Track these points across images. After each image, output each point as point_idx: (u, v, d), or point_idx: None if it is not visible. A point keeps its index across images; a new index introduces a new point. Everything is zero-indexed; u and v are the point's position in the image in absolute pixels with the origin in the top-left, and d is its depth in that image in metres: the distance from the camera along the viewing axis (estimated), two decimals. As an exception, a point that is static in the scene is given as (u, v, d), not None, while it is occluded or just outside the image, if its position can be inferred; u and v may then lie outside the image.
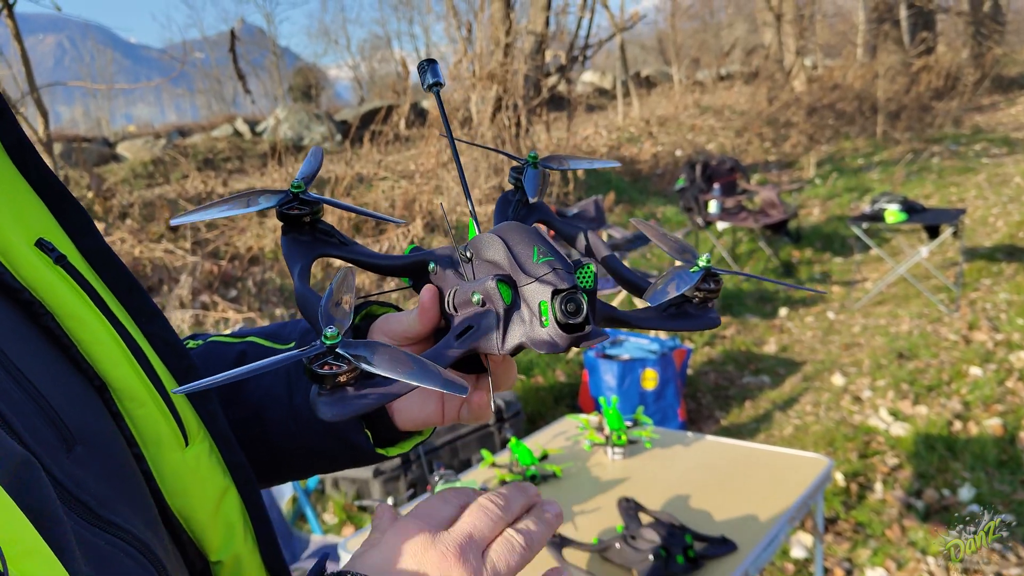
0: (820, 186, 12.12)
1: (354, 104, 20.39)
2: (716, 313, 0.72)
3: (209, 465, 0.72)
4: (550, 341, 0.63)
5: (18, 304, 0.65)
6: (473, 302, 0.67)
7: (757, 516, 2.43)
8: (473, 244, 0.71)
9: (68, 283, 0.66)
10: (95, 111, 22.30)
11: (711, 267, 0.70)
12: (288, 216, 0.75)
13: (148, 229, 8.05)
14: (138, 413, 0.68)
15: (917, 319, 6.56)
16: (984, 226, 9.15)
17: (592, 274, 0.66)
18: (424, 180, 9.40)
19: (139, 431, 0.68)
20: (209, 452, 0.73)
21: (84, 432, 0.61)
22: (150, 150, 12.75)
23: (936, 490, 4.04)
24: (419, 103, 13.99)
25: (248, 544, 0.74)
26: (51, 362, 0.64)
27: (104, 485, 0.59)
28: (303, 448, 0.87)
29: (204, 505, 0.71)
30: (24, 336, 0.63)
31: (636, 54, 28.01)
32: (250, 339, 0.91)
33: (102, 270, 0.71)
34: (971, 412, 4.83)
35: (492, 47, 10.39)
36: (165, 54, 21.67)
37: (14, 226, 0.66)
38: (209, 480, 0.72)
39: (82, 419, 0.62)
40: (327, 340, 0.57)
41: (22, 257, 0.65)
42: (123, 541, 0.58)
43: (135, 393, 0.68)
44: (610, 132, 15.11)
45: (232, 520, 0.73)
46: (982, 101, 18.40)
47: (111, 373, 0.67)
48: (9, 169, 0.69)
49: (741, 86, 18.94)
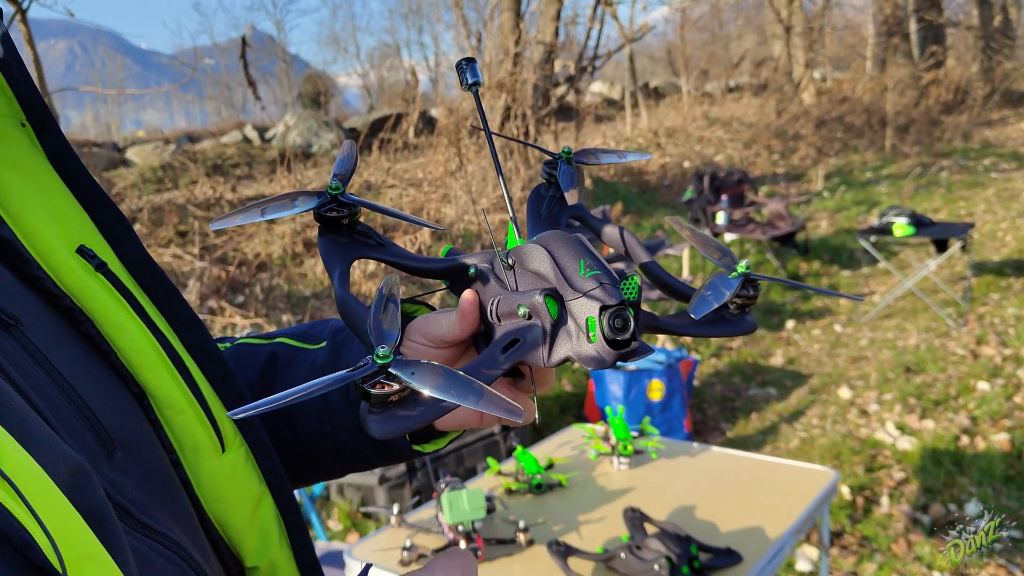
0: (828, 199, 12.11)
1: (363, 112, 20.45)
2: (753, 317, 0.73)
3: (245, 471, 0.73)
4: (597, 357, 0.63)
5: (60, 310, 0.66)
6: (519, 315, 0.67)
7: (763, 528, 2.42)
8: (516, 253, 0.70)
9: (108, 290, 0.68)
10: (105, 116, 22.40)
11: (750, 273, 0.70)
12: (326, 218, 0.74)
13: (157, 234, 8.07)
14: (176, 420, 0.69)
15: (925, 333, 6.54)
16: (993, 240, 9.13)
17: (637, 286, 0.66)
18: (432, 188, 9.41)
19: (177, 438, 0.69)
20: (245, 458, 0.74)
21: (124, 438, 0.62)
22: (159, 155, 12.79)
23: (943, 505, 4.02)
24: (427, 111, 14.02)
25: (283, 551, 0.75)
26: (92, 368, 0.65)
27: (143, 491, 0.60)
28: (336, 447, 0.87)
29: (240, 511, 0.72)
30: (66, 342, 0.64)
31: (645, 65, 28.05)
32: (279, 340, 0.91)
33: (141, 277, 0.72)
34: (978, 427, 4.81)
35: (501, 56, 10.43)
36: (175, 60, 21.76)
37: (56, 233, 0.67)
38: (245, 486, 0.73)
39: (122, 425, 0.63)
40: (379, 359, 0.57)
41: (64, 264, 0.66)
42: (163, 546, 0.59)
43: (174, 400, 0.69)
44: (618, 143, 15.11)
45: (267, 526, 0.74)
46: (991, 115, 18.37)
47: (150, 381, 0.68)
48: (52, 177, 0.70)
49: (750, 98, 18.94)
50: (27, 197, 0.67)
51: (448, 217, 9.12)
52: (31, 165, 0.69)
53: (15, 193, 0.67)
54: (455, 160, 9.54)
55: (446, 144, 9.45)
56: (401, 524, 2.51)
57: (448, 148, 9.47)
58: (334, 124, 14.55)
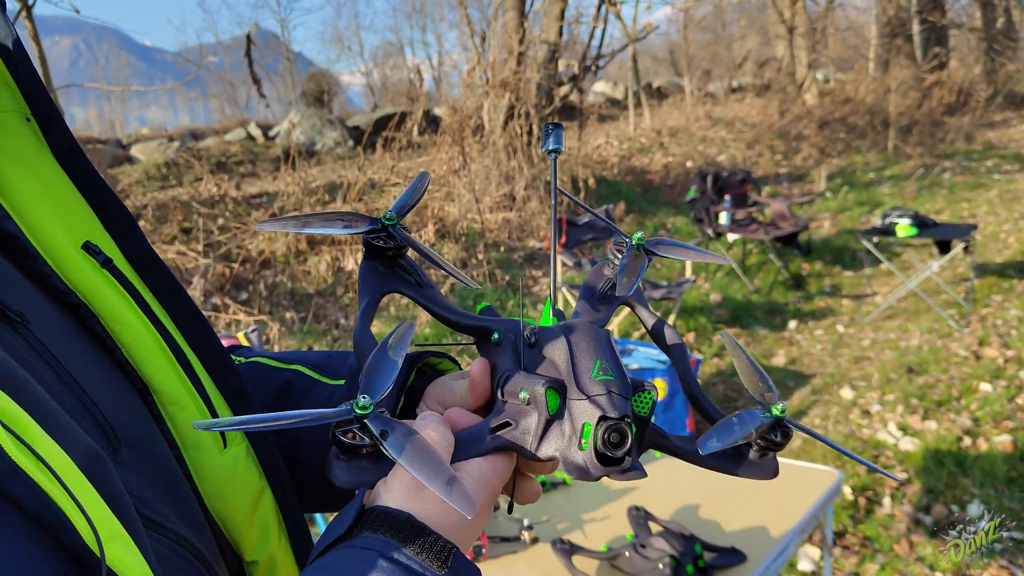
0: (831, 199, 12.11)
1: (365, 110, 20.46)
2: (776, 464, 0.68)
3: (246, 467, 0.73)
4: (583, 467, 0.61)
5: (65, 307, 0.67)
6: (520, 398, 0.65)
7: (767, 527, 2.43)
8: (542, 332, 0.68)
9: (114, 287, 0.68)
10: (109, 113, 22.42)
11: (785, 418, 0.66)
12: (372, 246, 0.74)
13: (161, 231, 8.08)
14: (180, 416, 0.70)
15: (927, 334, 6.55)
16: (995, 242, 9.13)
17: (651, 402, 0.64)
18: (436, 187, 9.42)
19: (180, 433, 0.70)
20: (246, 454, 0.74)
21: (128, 435, 0.62)
22: (163, 152, 12.81)
23: (945, 506, 4.03)
24: (431, 110, 14.03)
25: (282, 545, 0.75)
26: (97, 365, 0.65)
27: (148, 488, 0.60)
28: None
29: (241, 506, 0.72)
30: (72, 338, 0.65)
31: (648, 65, 28.05)
32: (297, 367, 0.89)
33: (145, 273, 0.72)
34: (981, 428, 4.81)
35: (505, 55, 10.44)
36: (180, 57, 21.79)
37: (62, 229, 0.67)
38: (246, 481, 0.73)
39: (127, 422, 0.63)
40: (358, 409, 0.57)
41: (69, 260, 0.67)
42: (173, 542, 0.59)
43: (177, 396, 0.69)
44: (621, 142, 15.12)
45: (267, 521, 0.74)
46: (994, 117, 18.35)
47: (154, 377, 0.69)
48: (57, 173, 0.70)
49: (753, 98, 18.94)
50: (33, 193, 0.67)
51: (451, 215, 9.13)
52: (36, 161, 0.69)
53: (21, 189, 0.67)
54: (459, 159, 9.54)
55: (450, 143, 9.46)
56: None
57: (452, 147, 9.48)
58: (338, 122, 14.57)
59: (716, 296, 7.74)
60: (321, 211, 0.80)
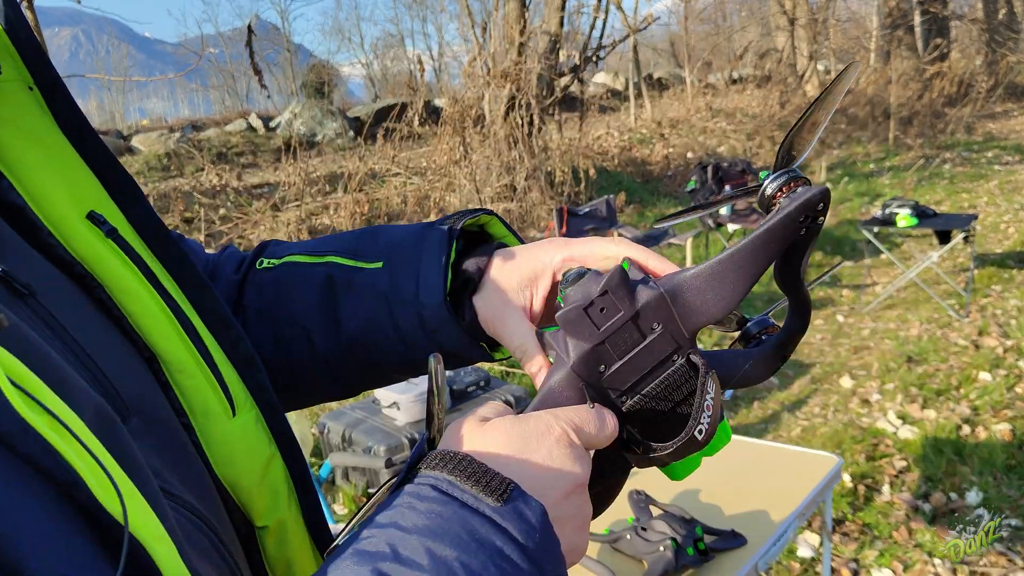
0: (831, 190, 12.09)
1: (366, 101, 20.43)
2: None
3: (256, 434, 0.73)
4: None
5: (72, 277, 0.67)
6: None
7: (767, 512, 2.45)
8: None
9: (119, 256, 0.68)
10: (109, 105, 22.35)
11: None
12: None
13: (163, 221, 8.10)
14: (187, 384, 0.70)
15: (927, 324, 6.56)
16: (995, 232, 9.14)
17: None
18: (436, 177, 9.43)
19: (188, 401, 0.70)
20: (256, 421, 0.74)
21: (138, 404, 0.62)
22: (164, 143, 12.81)
23: (944, 494, 4.05)
24: (431, 101, 14.03)
25: (292, 510, 0.75)
26: (105, 334, 0.66)
27: (157, 457, 0.60)
28: (410, 364, 0.88)
29: (250, 473, 0.72)
30: (79, 308, 0.65)
31: (649, 56, 27.98)
32: (330, 259, 0.89)
33: (152, 242, 0.72)
34: (980, 417, 4.83)
35: (506, 46, 10.42)
36: (180, 49, 21.75)
37: (67, 199, 0.67)
38: (256, 448, 0.73)
39: (136, 391, 0.63)
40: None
41: (74, 231, 0.67)
42: (185, 510, 0.59)
43: (184, 364, 0.70)
44: (622, 133, 15.11)
45: (277, 487, 0.74)
46: (995, 108, 18.34)
47: (160, 344, 0.69)
48: (61, 141, 0.69)
49: (753, 90, 18.90)
50: (37, 163, 0.67)
51: (452, 205, 9.14)
52: (40, 129, 0.68)
53: (24, 159, 0.66)
54: (459, 149, 9.55)
55: (450, 133, 9.46)
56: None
57: (452, 137, 9.48)
58: (338, 113, 14.56)
59: (716, 286, 7.74)
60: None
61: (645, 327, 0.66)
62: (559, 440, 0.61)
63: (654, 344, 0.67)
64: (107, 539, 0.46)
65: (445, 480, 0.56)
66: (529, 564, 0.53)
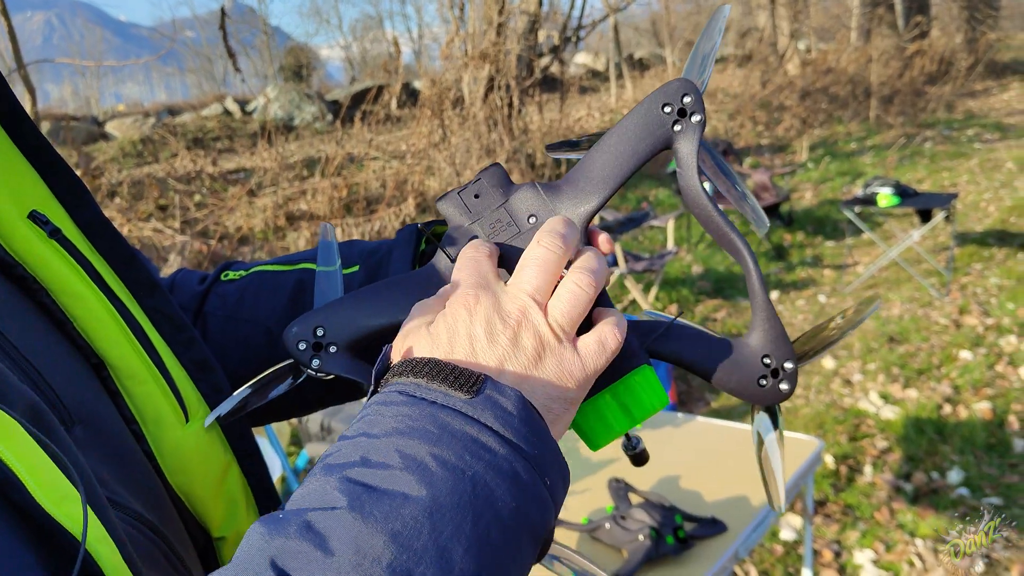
0: (813, 170, 12.11)
1: (345, 84, 20.30)
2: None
3: (210, 441, 0.71)
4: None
5: (12, 279, 0.63)
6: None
7: (747, 497, 2.42)
8: None
9: (63, 257, 0.65)
10: (84, 90, 22.16)
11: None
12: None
13: (137, 208, 8.00)
14: (137, 391, 0.67)
15: (908, 303, 6.56)
16: (976, 211, 9.16)
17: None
18: (415, 160, 9.36)
19: (138, 409, 0.67)
20: (211, 427, 0.71)
21: (82, 412, 0.60)
22: (139, 129, 12.68)
23: (925, 473, 4.04)
24: (410, 83, 13.93)
25: (251, 519, 0.73)
26: (48, 339, 0.63)
27: (103, 466, 0.58)
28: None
29: (205, 481, 0.69)
30: (20, 313, 0.62)
31: (629, 36, 27.92)
32: (304, 266, 0.86)
33: (98, 242, 0.69)
34: (961, 396, 4.83)
35: (485, 27, 10.33)
36: (155, 32, 21.56)
37: (7, 199, 0.64)
38: (210, 456, 0.70)
39: (80, 398, 0.60)
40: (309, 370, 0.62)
41: (15, 231, 0.63)
42: (133, 519, 0.57)
43: (134, 371, 0.67)
44: (603, 114, 15.06)
45: (235, 496, 0.72)
46: (975, 86, 18.41)
47: (109, 351, 0.66)
48: (2, 139, 0.66)
49: (734, 69, 18.89)
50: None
51: (432, 189, 9.08)
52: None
53: None
54: (438, 132, 9.48)
55: (429, 116, 9.39)
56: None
57: (431, 120, 9.41)
58: (316, 97, 14.44)
59: (698, 268, 7.74)
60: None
61: (520, 217, 0.67)
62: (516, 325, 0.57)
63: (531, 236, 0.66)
64: (44, 540, 0.44)
65: (412, 384, 0.52)
66: (508, 449, 0.49)
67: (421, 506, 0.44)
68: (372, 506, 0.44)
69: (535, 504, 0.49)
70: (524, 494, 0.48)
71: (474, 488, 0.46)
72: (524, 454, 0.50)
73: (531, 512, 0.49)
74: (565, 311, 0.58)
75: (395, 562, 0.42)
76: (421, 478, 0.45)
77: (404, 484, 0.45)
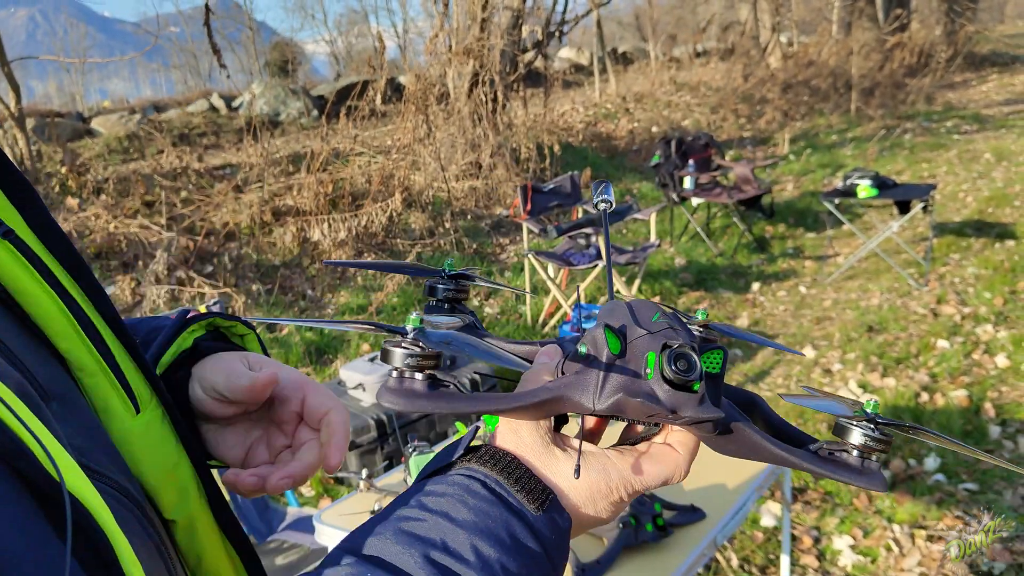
0: (794, 162, 12.20)
1: (331, 79, 20.25)
2: (882, 476, 0.63)
3: (161, 433, 0.73)
4: (650, 393, 0.58)
5: None
6: (580, 353, 0.62)
7: (726, 485, 2.49)
8: (600, 315, 0.66)
9: (15, 257, 0.65)
10: (69, 86, 22.00)
11: (878, 416, 0.62)
12: (433, 289, 0.81)
13: (123, 204, 8.00)
14: (88, 382, 0.69)
15: (887, 293, 6.65)
16: (954, 201, 9.26)
17: (720, 359, 0.63)
18: (401, 155, 9.38)
19: (90, 398, 0.69)
20: (161, 420, 0.73)
21: (55, 389, 0.62)
22: (125, 125, 12.64)
23: (903, 460, 4.12)
24: (395, 78, 13.93)
25: (202, 507, 0.75)
26: (14, 329, 0.65)
27: (82, 437, 0.60)
28: None
29: (154, 471, 0.71)
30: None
31: (613, 30, 27.94)
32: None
33: (48, 243, 0.70)
34: (938, 384, 4.92)
35: (469, 22, 10.36)
36: (139, 28, 21.38)
37: None
38: (161, 446, 0.72)
39: (52, 378, 0.63)
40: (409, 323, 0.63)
41: None
42: (114, 489, 0.60)
43: (84, 363, 0.69)
44: (587, 108, 15.10)
45: (186, 484, 0.74)
46: (954, 78, 18.52)
47: (61, 344, 0.68)
48: None
49: (717, 63, 18.95)
50: None
51: (417, 184, 9.11)
52: None
53: None
54: (423, 127, 9.50)
55: (414, 111, 9.41)
56: (370, 488, 2.55)
57: (416, 115, 9.43)
58: (302, 92, 14.42)
59: (681, 260, 7.80)
60: (391, 262, 0.85)
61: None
62: (613, 503, 0.66)
63: None
64: (55, 511, 0.46)
65: (494, 479, 0.61)
66: (547, 559, 0.61)
67: None
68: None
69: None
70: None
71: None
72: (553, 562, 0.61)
73: None
74: (649, 486, 0.68)
75: None
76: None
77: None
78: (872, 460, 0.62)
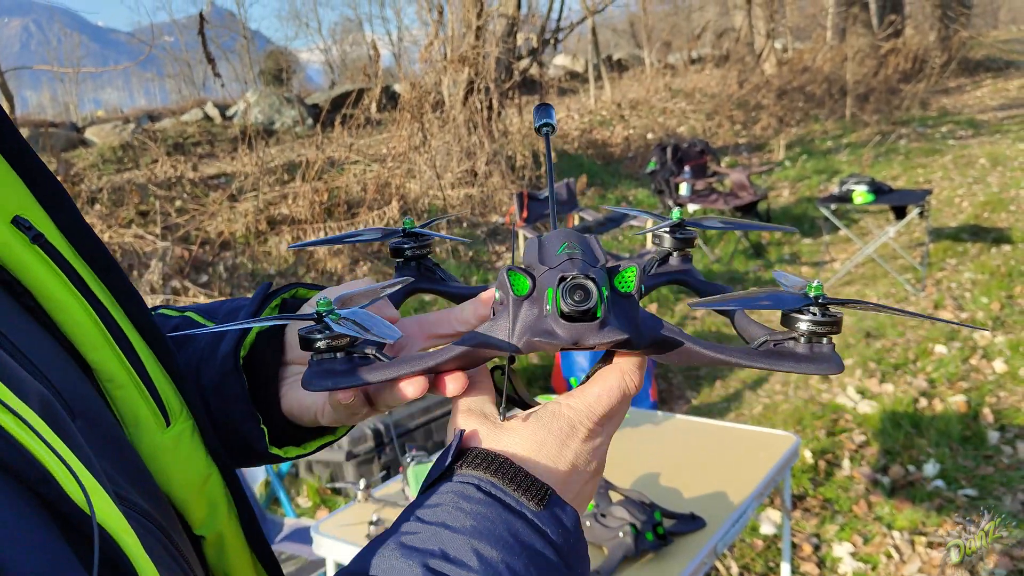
0: (790, 168, 12.21)
1: (325, 88, 20.26)
2: (838, 357, 0.61)
3: (192, 446, 0.71)
4: (548, 330, 0.58)
5: (1, 284, 0.64)
6: (496, 300, 0.64)
7: (726, 493, 2.47)
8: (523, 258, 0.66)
9: (45, 263, 0.64)
10: (63, 96, 21.98)
11: (822, 295, 0.62)
12: (398, 250, 0.83)
13: (117, 214, 7.98)
14: (118, 394, 0.68)
15: (884, 298, 6.65)
16: (950, 207, 9.27)
17: (632, 277, 0.62)
18: (396, 163, 9.38)
19: (120, 411, 0.68)
20: (192, 433, 0.72)
21: (80, 406, 0.60)
22: (119, 135, 12.61)
23: (902, 466, 4.11)
24: (390, 86, 13.93)
25: (231, 523, 0.74)
26: (39, 339, 0.63)
27: (104, 459, 0.58)
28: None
29: (185, 485, 0.70)
30: (12, 314, 0.62)
31: (608, 37, 27.99)
32: (188, 314, 0.90)
33: (80, 247, 0.69)
34: (936, 389, 4.91)
35: (464, 30, 10.37)
36: (133, 37, 21.39)
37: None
38: (191, 460, 0.71)
39: (77, 393, 0.61)
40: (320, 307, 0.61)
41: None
42: (137, 513, 0.58)
43: (114, 374, 0.67)
44: (582, 116, 15.12)
45: (215, 499, 0.72)
46: (949, 84, 18.58)
47: (90, 355, 0.66)
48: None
49: (712, 69, 18.99)
50: None
51: (413, 192, 9.10)
52: None
53: None
54: (419, 135, 9.50)
55: (409, 119, 9.41)
56: (368, 499, 2.53)
57: (411, 123, 9.43)
58: (296, 101, 14.41)
59: (678, 267, 7.79)
60: (355, 230, 0.85)
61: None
62: (584, 440, 0.63)
63: None
64: (77, 536, 0.46)
65: (488, 481, 0.59)
66: (561, 562, 0.58)
67: None
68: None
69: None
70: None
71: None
72: (569, 565, 0.59)
73: None
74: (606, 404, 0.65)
75: None
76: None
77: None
78: (823, 344, 0.61)
